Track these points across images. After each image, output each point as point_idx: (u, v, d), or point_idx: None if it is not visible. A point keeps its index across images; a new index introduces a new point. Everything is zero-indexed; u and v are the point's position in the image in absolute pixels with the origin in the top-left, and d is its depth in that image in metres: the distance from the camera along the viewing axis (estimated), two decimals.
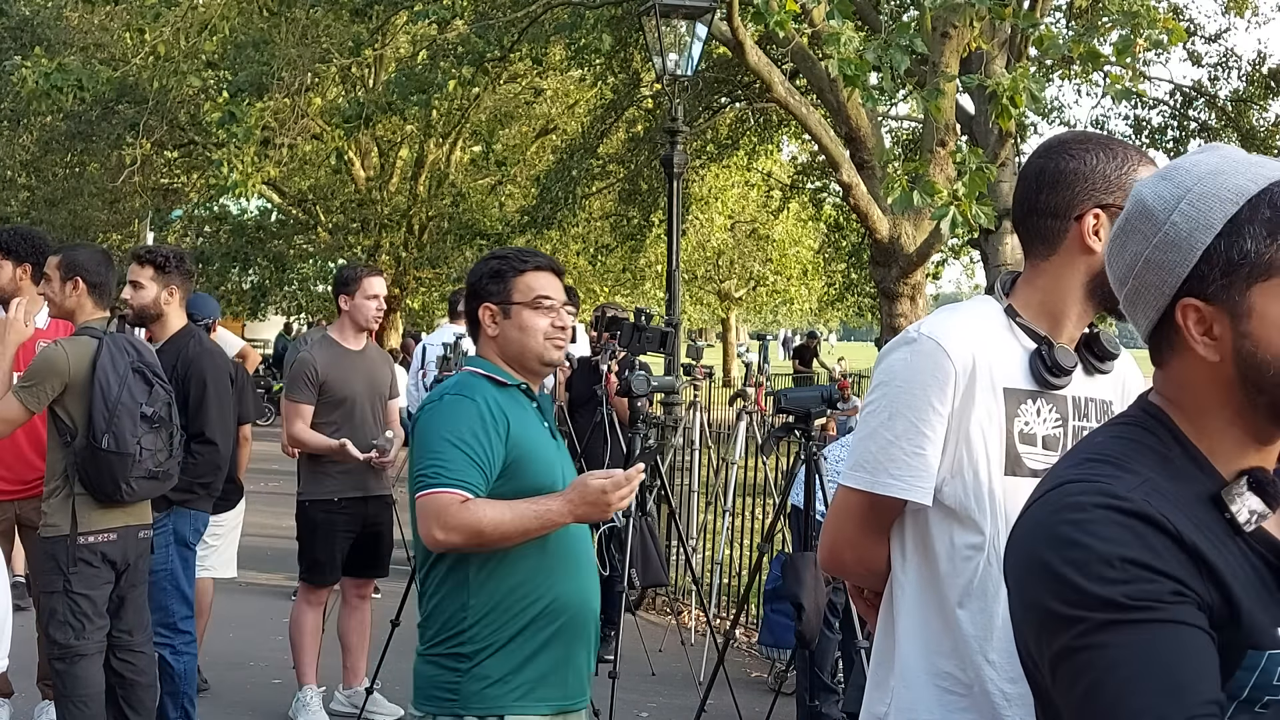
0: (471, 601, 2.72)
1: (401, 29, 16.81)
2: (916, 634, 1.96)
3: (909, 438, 1.90)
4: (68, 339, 4.22)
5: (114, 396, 4.12)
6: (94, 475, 4.10)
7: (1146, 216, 1.42)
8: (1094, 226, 1.92)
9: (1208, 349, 1.37)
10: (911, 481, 1.90)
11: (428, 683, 2.77)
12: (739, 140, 17.92)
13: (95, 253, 4.48)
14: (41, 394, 4.09)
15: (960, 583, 1.91)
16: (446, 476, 2.63)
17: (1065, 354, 1.94)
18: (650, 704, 5.93)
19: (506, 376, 2.83)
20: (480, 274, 2.90)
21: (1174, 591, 1.26)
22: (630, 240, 17.96)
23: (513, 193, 21.71)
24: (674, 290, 8.54)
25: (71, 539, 4.12)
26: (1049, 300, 1.97)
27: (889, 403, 1.93)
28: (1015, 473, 1.90)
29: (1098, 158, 1.93)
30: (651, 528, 5.40)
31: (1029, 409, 1.93)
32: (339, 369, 5.28)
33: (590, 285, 24.20)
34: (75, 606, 4.13)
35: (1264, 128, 16.15)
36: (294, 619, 5.39)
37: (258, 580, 8.01)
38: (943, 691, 1.92)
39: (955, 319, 1.98)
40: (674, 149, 8.70)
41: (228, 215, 21.93)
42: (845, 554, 2.06)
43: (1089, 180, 1.92)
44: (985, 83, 7.87)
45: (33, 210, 20.75)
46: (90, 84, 11.36)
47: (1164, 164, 1.57)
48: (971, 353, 1.90)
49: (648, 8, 8.69)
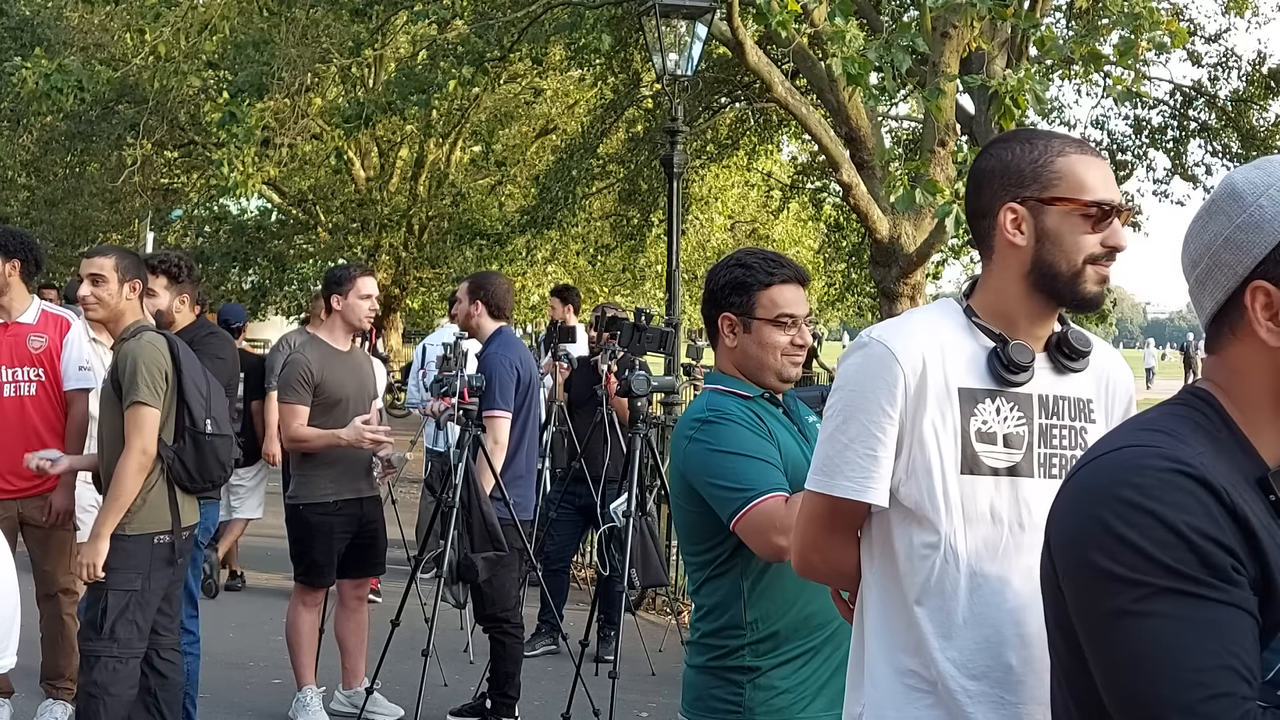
0: (749, 614, 2.61)
1: (401, 29, 16.80)
2: (882, 633, 1.99)
3: (862, 441, 1.92)
4: (149, 334, 4.17)
5: (204, 385, 4.21)
6: (197, 464, 4.14)
7: (1234, 198, 1.44)
8: (1013, 220, 1.93)
9: (1271, 334, 1.39)
10: (865, 484, 1.92)
11: (706, 693, 2.64)
12: (739, 140, 17.91)
13: (138, 257, 4.48)
14: (160, 388, 4.09)
15: (918, 581, 1.93)
16: (758, 487, 2.51)
17: (1021, 350, 1.94)
18: (650, 704, 5.93)
19: (748, 389, 2.71)
20: (722, 282, 2.73)
21: (1233, 567, 1.28)
22: (630, 240, 17.96)
23: (513, 193, 21.69)
24: (674, 290, 8.54)
25: (175, 534, 4.13)
26: (996, 301, 1.98)
27: (844, 407, 1.95)
28: (974, 471, 1.92)
29: (1013, 152, 1.94)
30: (651, 528, 5.40)
31: (987, 408, 1.93)
32: (332, 370, 5.26)
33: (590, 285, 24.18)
34: (146, 607, 4.11)
35: (1264, 128, 16.14)
36: (290, 621, 5.39)
37: (257, 580, 8.01)
38: (909, 689, 1.94)
39: (909, 323, 2.00)
40: (674, 149, 8.70)
41: (228, 215, 21.93)
42: (812, 556, 2.09)
43: (1004, 176, 1.94)
44: (989, 83, 7.86)
45: (33, 210, 20.75)
46: (90, 84, 11.36)
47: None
48: (922, 355, 1.91)
49: (648, 8, 8.69)
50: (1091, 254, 1.90)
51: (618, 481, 5.98)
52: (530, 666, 5.89)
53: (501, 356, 5.40)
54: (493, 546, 5.05)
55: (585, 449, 6.63)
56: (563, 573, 6.99)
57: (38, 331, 5.02)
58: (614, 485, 6.13)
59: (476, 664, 5.92)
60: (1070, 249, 1.90)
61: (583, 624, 5.85)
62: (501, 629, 5.31)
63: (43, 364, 4.99)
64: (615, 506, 5.31)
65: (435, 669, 5.53)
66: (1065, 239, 1.90)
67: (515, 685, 5.34)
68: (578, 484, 6.69)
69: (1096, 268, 1.91)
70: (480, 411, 5.26)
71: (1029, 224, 1.92)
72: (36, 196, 20.78)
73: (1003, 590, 1.91)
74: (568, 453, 7.12)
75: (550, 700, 5.74)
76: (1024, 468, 1.94)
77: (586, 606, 6.40)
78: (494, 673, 5.33)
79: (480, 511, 5.06)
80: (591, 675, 5.59)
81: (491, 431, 5.30)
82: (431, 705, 5.33)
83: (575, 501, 6.80)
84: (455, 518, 5.06)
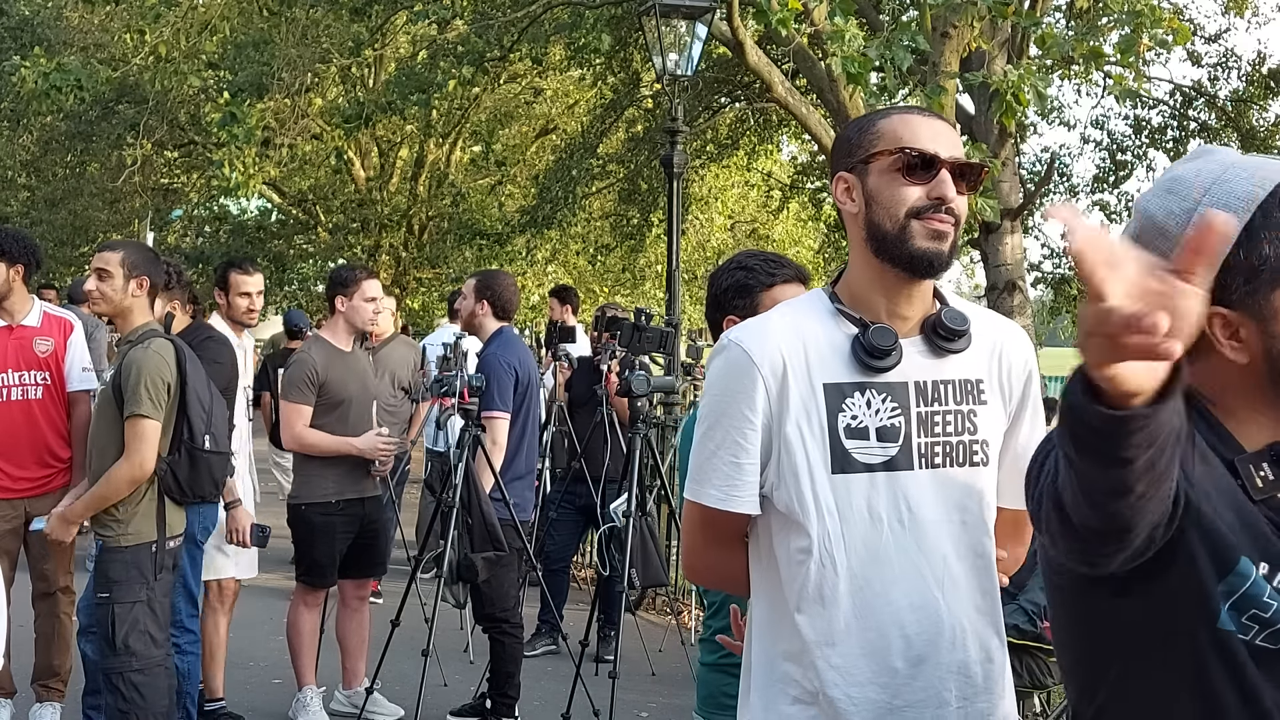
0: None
1: (401, 29, 16.79)
2: (766, 642, 1.93)
3: (727, 448, 1.88)
4: (148, 342, 4.08)
5: (208, 398, 4.15)
6: (189, 478, 4.08)
7: (1160, 234, 1.42)
8: (845, 189, 1.90)
9: (1236, 352, 1.39)
10: (729, 492, 1.88)
11: (718, 691, 2.63)
12: (739, 140, 17.89)
13: (153, 253, 4.41)
14: (161, 399, 4.00)
15: (796, 587, 1.87)
16: None
17: (882, 334, 1.86)
18: (650, 704, 5.93)
19: None
20: (725, 285, 2.71)
21: None
22: (630, 240, 17.95)
23: (513, 193, 21.67)
24: (674, 290, 8.54)
25: (160, 545, 4.07)
26: (854, 282, 1.93)
27: (709, 412, 1.91)
28: (846, 470, 1.85)
29: (844, 133, 1.94)
30: (651, 528, 5.40)
31: (856, 402, 1.86)
32: (336, 370, 5.26)
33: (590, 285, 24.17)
34: (156, 616, 4.09)
35: (1264, 128, 16.13)
36: (291, 621, 5.38)
37: (257, 580, 7.99)
38: (791, 700, 1.89)
39: (770, 320, 1.94)
40: (674, 149, 8.70)
41: (228, 215, 21.91)
42: (696, 562, 2.05)
43: (838, 150, 1.93)
44: (990, 80, 7.85)
45: (33, 210, 20.72)
46: (90, 84, 11.34)
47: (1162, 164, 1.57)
48: (782, 354, 1.86)
49: (648, 8, 8.69)
50: (914, 206, 1.82)
51: (618, 481, 5.98)
52: (530, 666, 5.88)
53: (500, 357, 5.40)
54: (493, 546, 5.05)
55: (585, 449, 6.62)
56: (563, 573, 6.99)
57: (43, 335, 5.03)
58: (614, 485, 6.13)
59: (476, 664, 5.91)
60: (889, 203, 1.84)
61: (583, 624, 5.84)
62: (501, 629, 5.30)
63: (48, 367, 4.99)
64: (615, 506, 5.31)
65: (435, 669, 5.53)
66: (884, 194, 1.84)
67: (515, 685, 5.34)
68: (578, 484, 6.69)
69: (923, 222, 1.82)
70: (480, 412, 5.26)
71: (858, 189, 1.88)
72: (36, 196, 20.75)
73: (886, 592, 1.84)
74: (568, 453, 7.12)
75: (550, 700, 5.74)
76: (901, 460, 1.86)
77: (586, 606, 6.40)
78: (494, 673, 5.33)
79: (480, 511, 5.06)
80: (591, 675, 5.59)
81: (490, 432, 5.29)
82: (431, 705, 5.33)
83: (575, 501, 6.80)
84: (455, 518, 5.05)
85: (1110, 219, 17.17)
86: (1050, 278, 16.76)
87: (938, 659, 1.85)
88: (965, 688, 1.86)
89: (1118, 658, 1.42)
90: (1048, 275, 16.86)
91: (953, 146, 1.85)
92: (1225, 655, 1.33)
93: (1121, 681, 1.41)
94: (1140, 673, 1.40)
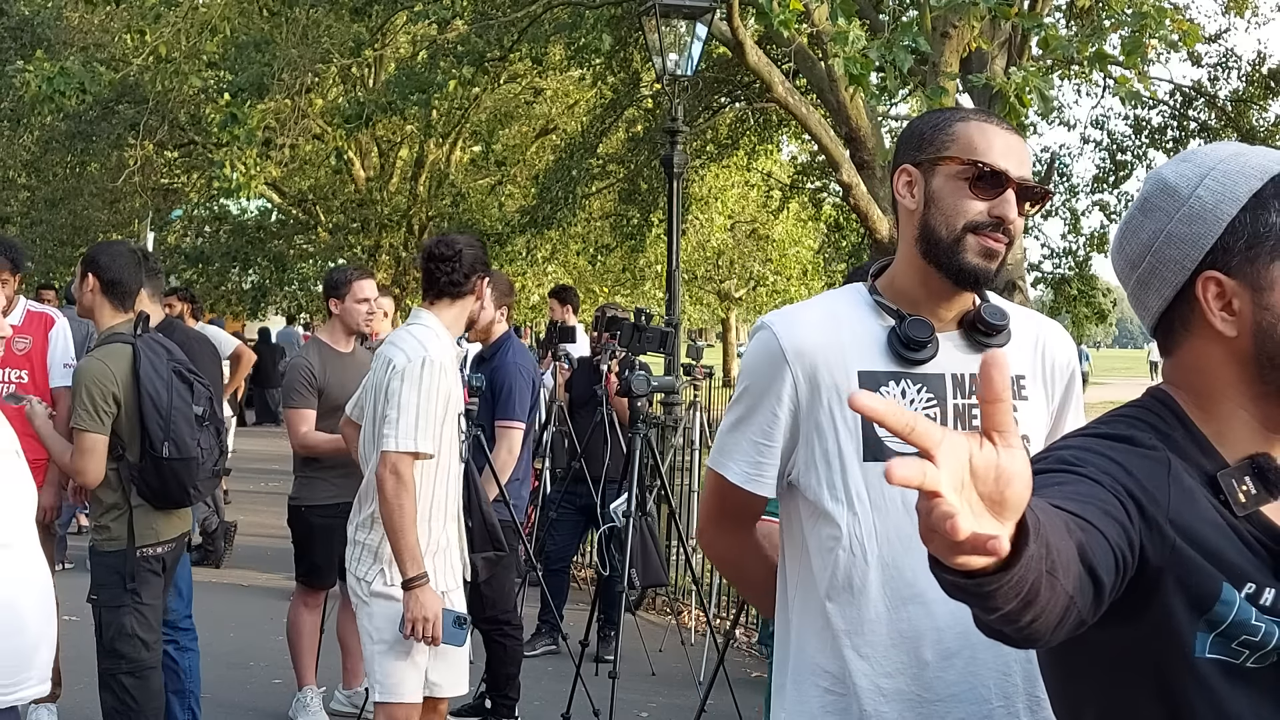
0: None
1: (401, 29, 16.80)
2: (796, 630, 1.94)
3: (755, 429, 1.90)
4: (99, 349, 4.05)
5: (165, 403, 4.02)
6: (158, 485, 4.02)
7: (1168, 193, 1.42)
8: (906, 182, 1.88)
9: (1226, 324, 1.37)
10: (749, 473, 1.91)
11: None
12: (739, 140, 17.90)
13: (119, 251, 4.28)
14: (103, 413, 3.95)
15: (826, 575, 1.87)
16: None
17: (919, 325, 1.85)
18: (650, 704, 5.93)
19: None
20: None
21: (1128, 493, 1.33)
22: (630, 240, 17.95)
23: (513, 193, 21.68)
24: (674, 290, 8.54)
25: (130, 552, 4.04)
26: (898, 276, 1.92)
27: (742, 393, 1.94)
28: (879, 457, 1.83)
29: (922, 121, 1.90)
30: (651, 528, 5.41)
31: (891, 391, 1.85)
32: (335, 372, 5.26)
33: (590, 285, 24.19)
34: (143, 619, 4.08)
35: (1264, 128, 16.12)
36: (291, 621, 5.39)
37: (257, 580, 8.01)
38: (822, 691, 1.88)
39: (807, 306, 1.95)
40: (674, 149, 8.70)
41: (228, 215, 21.91)
42: (709, 528, 2.09)
43: (907, 141, 1.90)
44: (993, 81, 7.85)
45: (33, 210, 20.74)
46: (92, 85, 11.35)
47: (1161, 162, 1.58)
48: (815, 341, 1.86)
49: (648, 8, 8.69)
50: (973, 221, 1.80)
51: (618, 481, 5.98)
52: (530, 666, 5.89)
53: (521, 366, 5.39)
54: (493, 547, 5.05)
55: (585, 449, 6.62)
56: (563, 573, 6.99)
57: (21, 333, 5.03)
58: (614, 485, 6.13)
59: (476, 664, 5.91)
60: (950, 212, 1.82)
61: (583, 624, 5.85)
62: (501, 630, 5.30)
63: (26, 365, 4.99)
64: (615, 506, 5.32)
65: None
66: (946, 201, 1.82)
67: (515, 686, 5.34)
68: (578, 484, 6.69)
69: (979, 238, 1.81)
70: (494, 418, 5.25)
71: (920, 187, 1.86)
72: (36, 196, 20.76)
73: (917, 582, 1.81)
74: (568, 453, 7.12)
75: (550, 700, 5.74)
76: None
77: (586, 606, 6.40)
78: (494, 674, 5.32)
79: (480, 512, 5.05)
80: (591, 675, 5.59)
81: (505, 442, 5.27)
82: None
83: (575, 501, 6.80)
84: None
85: (1110, 219, 17.17)
86: (1050, 278, 16.75)
87: (972, 654, 1.82)
88: (1006, 686, 1.83)
89: (1099, 692, 1.41)
90: (1048, 275, 16.85)
91: (1022, 165, 1.83)
92: (1204, 686, 1.33)
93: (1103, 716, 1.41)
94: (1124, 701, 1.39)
